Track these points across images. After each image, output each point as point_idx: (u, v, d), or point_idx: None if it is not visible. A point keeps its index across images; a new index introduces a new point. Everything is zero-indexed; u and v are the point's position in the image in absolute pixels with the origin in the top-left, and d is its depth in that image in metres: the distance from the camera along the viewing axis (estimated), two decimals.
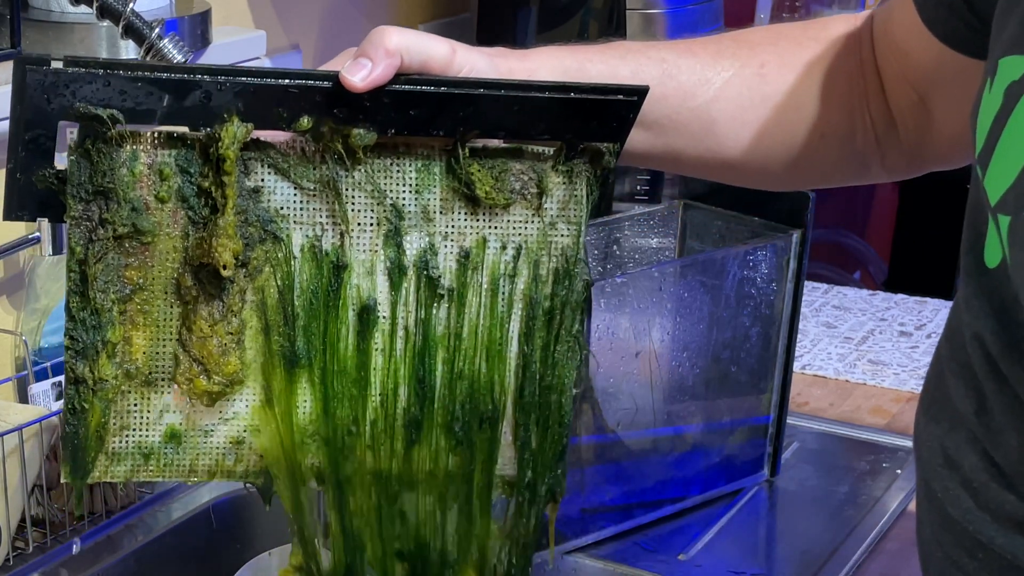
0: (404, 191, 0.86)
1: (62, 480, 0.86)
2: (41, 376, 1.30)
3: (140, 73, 0.79)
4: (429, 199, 0.86)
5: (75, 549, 1.23)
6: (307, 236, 0.85)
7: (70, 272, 0.82)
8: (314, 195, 0.84)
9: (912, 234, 2.81)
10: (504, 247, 0.88)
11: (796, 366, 1.59)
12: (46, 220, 1.32)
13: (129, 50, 1.34)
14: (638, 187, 1.81)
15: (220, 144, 0.81)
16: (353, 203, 0.85)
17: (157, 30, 1.20)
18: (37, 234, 1.34)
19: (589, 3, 1.86)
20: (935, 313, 1.83)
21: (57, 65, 0.78)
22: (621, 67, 0.94)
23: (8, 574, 1.20)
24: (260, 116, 0.82)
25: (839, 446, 1.49)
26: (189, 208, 0.83)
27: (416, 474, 0.89)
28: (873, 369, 1.67)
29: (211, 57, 1.49)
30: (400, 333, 0.87)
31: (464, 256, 0.87)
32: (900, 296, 1.89)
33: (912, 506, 1.26)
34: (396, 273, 0.86)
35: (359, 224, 0.85)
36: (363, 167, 0.85)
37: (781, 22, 1.83)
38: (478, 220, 0.87)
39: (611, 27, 1.84)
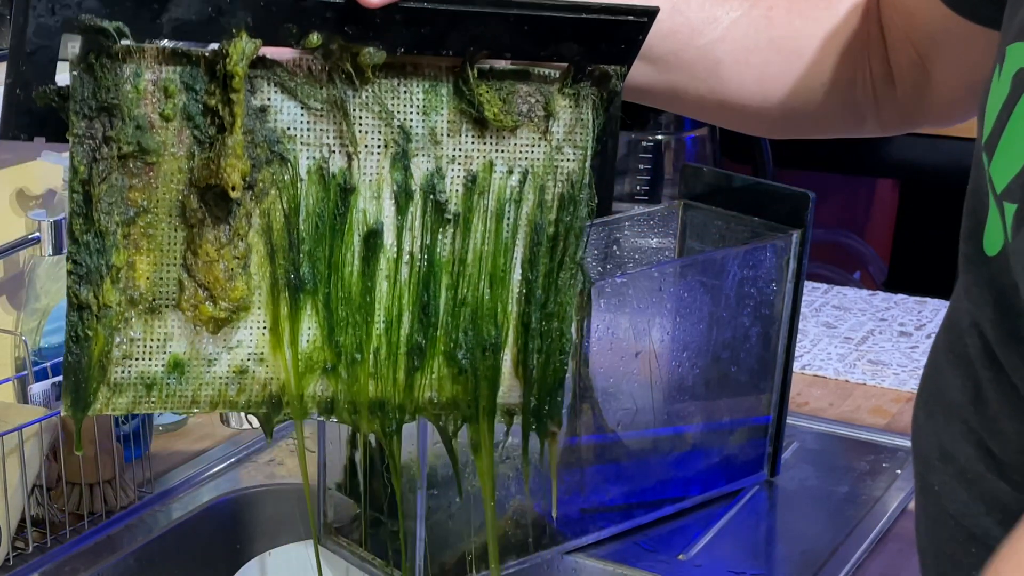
0: (411, 112, 0.85)
1: (61, 413, 0.83)
2: (41, 376, 1.30)
3: None
4: (436, 121, 0.85)
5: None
6: (314, 158, 0.83)
7: (73, 193, 0.79)
8: (321, 116, 0.83)
9: (912, 234, 2.80)
10: (511, 171, 0.87)
11: (796, 366, 1.59)
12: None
13: None
14: (638, 187, 1.81)
15: (228, 60, 0.79)
16: (360, 124, 0.84)
17: None
18: (37, 234, 1.34)
19: None
20: (935, 313, 1.82)
21: None
22: None
23: (8, 574, 1.19)
24: (269, 32, 0.80)
25: (839, 446, 1.48)
26: (195, 127, 0.80)
27: (418, 401, 0.88)
28: (873, 369, 1.67)
29: None
30: (405, 259, 0.86)
31: (471, 180, 0.86)
32: (900, 296, 1.89)
33: (912, 505, 1.26)
34: (403, 197, 0.85)
35: (366, 146, 0.84)
36: (370, 87, 0.83)
37: None
38: (485, 144, 0.86)
39: None
